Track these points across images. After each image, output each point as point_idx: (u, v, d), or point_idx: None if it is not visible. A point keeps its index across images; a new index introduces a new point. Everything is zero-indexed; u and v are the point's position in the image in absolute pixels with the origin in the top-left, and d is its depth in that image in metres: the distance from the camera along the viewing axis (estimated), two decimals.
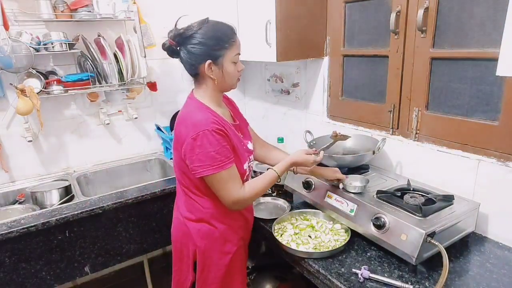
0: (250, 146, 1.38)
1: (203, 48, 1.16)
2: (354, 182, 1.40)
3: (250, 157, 1.35)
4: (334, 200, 1.41)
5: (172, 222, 1.46)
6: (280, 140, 1.76)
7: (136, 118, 2.28)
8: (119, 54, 2.05)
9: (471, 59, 1.31)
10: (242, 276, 1.42)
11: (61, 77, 2.01)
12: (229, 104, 1.44)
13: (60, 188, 1.94)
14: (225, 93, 1.36)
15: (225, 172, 1.17)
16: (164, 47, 1.24)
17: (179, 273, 1.43)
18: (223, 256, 1.33)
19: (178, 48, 1.21)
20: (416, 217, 1.17)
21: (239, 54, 1.24)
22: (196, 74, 1.24)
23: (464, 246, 1.27)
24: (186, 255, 1.37)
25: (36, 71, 1.90)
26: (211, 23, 1.20)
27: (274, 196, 1.75)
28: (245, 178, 1.31)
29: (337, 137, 1.38)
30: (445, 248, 1.07)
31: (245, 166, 1.30)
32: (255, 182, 1.27)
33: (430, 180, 1.45)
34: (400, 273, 1.13)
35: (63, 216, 1.63)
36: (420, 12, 1.37)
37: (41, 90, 1.89)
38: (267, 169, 1.31)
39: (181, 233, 1.37)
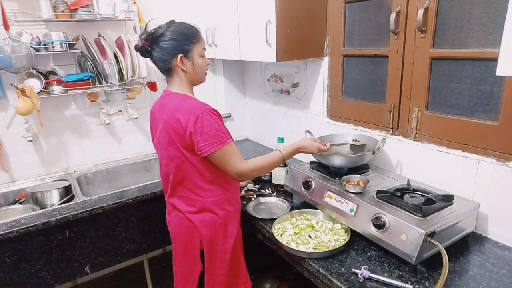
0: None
1: (174, 44, 1.28)
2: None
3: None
4: (334, 200, 1.41)
5: (168, 223, 1.51)
6: (280, 140, 1.76)
7: (136, 118, 2.28)
8: (119, 54, 2.05)
9: (471, 59, 1.31)
10: (244, 256, 1.51)
11: (61, 77, 2.01)
12: None
13: (60, 188, 1.94)
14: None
15: (227, 147, 1.27)
16: (137, 48, 1.34)
17: (185, 268, 1.47)
18: (227, 240, 1.42)
19: (150, 48, 1.31)
20: (416, 217, 1.17)
21: (205, 49, 1.38)
22: (169, 69, 1.34)
23: (464, 246, 1.27)
24: (191, 247, 1.43)
25: (36, 71, 1.90)
26: (177, 23, 1.33)
27: (274, 196, 1.75)
28: None
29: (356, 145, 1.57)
30: (445, 248, 1.07)
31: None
32: (259, 158, 1.38)
33: (430, 180, 1.45)
34: (400, 273, 1.13)
35: (63, 216, 1.63)
36: (420, 12, 1.37)
37: (41, 90, 1.89)
38: (275, 150, 1.42)
39: (184, 228, 1.42)
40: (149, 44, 1.30)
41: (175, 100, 1.33)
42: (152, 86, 2.28)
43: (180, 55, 1.29)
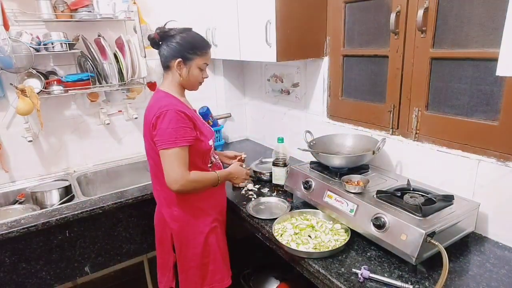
0: (212, 129, 1.62)
1: (178, 48, 1.37)
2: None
3: (213, 137, 1.55)
4: (334, 200, 1.41)
5: None
6: (280, 140, 1.75)
7: (136, 118, 2.28)
8: (119, 54, 2.05)
9: (471, 59, 1.31)
10: (221, 253, 1.55)
11: (61, 77, 2.01)
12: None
13: (60, 188, 1.94)
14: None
15: (177, 150, 1.31)
16: (149, 37, 1.44)
17: (162, 255, 1.59)
18: (197, 235, 1.48)
19: (160, 42, 1.42)
20: (416, 217, 1.17)
21: (207, 64, 1.45)
22: (167, 66, 1.43)
23: (464, 246, 1.27)
24: (165, 238, 1.53)
25: (36, 71, 1.90)
26: (192, 32, 1.43)
27: (274, 196, 1.75)
28: (211, 153, 1.50)
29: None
30: (445, 248, 1.07)
31: (210, 142, 1.48)
32: (200, 173, 1.42)
33: (430, 180, 1.45)
34: (400, 273, 1.13)
35: (63, 216, 1.63)
36: (420, 12, 1.37)
37: (41, 90, 1.89)
38: (214, 172, 1.49)
39: (158, 219, 1.56)
40: (160, 39, 1.41)
41: (156, 97, 1.43)
42: (152, 86, 2.28)
43: (179, 59, 1.38)
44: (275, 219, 1.45)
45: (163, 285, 1.61)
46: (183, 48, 1.37)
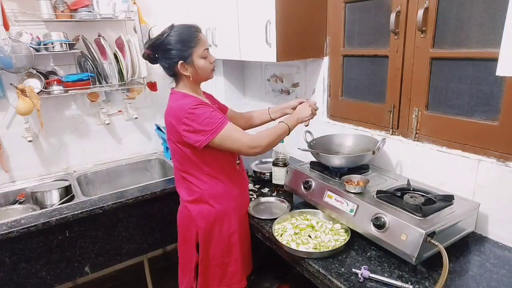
0: None
1: (173, 53, 1.34)
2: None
3: None
4: (334, 200, 1.41)
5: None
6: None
7: (136, 118, 2.29)
8: (119, 54, 2.05)
9: (471, 59, 1.31)
10: (243, 254, 1.54)
11: (61, 77, 2.01)
12: (208, 97, 1.60)
13: (60, 188, 1.94)
14: (205, 91, 1.56)
15: (226, 129, 1.31)
16: (144, 56, 1.43)
17: (184, 255, 1.57)
18: (222, 234, 1.47)
19: (155, 55, 1.40)
20: (416, 217, 1.17)
21: (207, 48, 1.39)
22: (173, 74, 1.42)
23: (464, 246, 1.27)
24: (189, 237, 1.51)
25: (36, 71, 1.91)
26: (176, 28, 1.36)
27: (274, 196, 1.75)
28: None
29: None
30: (445, 248, 1.07)
31: None
32: (265, 130, 1.42)
33: (430, 180, 1.45)
34: (400, 273, 1.13)
35: (63, 216, 1.63)
36: (420, 12, 1.37)
37: (41, 90, 1.89)
38: (279, 122, 1.46)
39: (184, 216, 1.51)
40: (153, 53, 1.39)
41: (173, 98, 1.42)
42: (152, 86, 2.28)
43: (181, 62, 1.35)
44: (275, 219, 1.45)
45: (184, 286, 1.59)
46: (177, 50, 1.34)
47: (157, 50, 1.37)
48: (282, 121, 1.45)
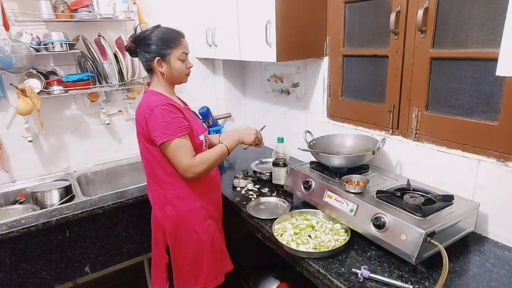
0: (205, 125, 1.65)
1: (153, 48, 1.39)
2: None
3: (205, 133, 1.55)
4: (334, 200, 1.41)
5: None
6: (280, 140, 1.75)
7: None
8: (119, 54, 2.05)
9: (471, 59, 1.31)
10: (215, 253, 1.54)
11: (62, 77, 2.01)
12: (182, 103, 1.60)
13: (60, 188, 1.94)
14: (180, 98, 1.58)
15: (177, 140, 1.33)
16: (126, 48, 1.48)
17: (155, 257, 1.60)
18: (191, 233, 1.48)
19: (137, 49, 1.44)
20: (416, 217, 1.17)
21: (186, 53, 1.44)
22: (149, 69, 1.45)
23: (464, 246, 1.27)
24: (158, 239, 1.54)
25: (37, 71, 1.90)
26: (161, 28, 1.42)
27: (274, 196, 1.75)
28: (204, 148, 1.49)
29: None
30: (445, 248, 1.07)
31: (201, 137, 1.48)
32: (206, 153, 1.44)
33: (430, 180, 1.45)
34: (400, 273, 1.13)
35: (63, 216, 1.63)
36: (420, 12, 1.37)
37: (41, 90, 1.89)
38: (218, 143, 1.50)
39: (153, 221, 1.57)
40: (135, 46, 1.44)
41: (145, 97, 1.45)
42: None
43: (157, 58, 1.39)
44: (275, 219, 1.45)
45: (157, 287, 1.60)
46: (157, 47, 1.38)
47: (138, 44, 1.41)
48: (222, 143, 1.49)
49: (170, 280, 1.57)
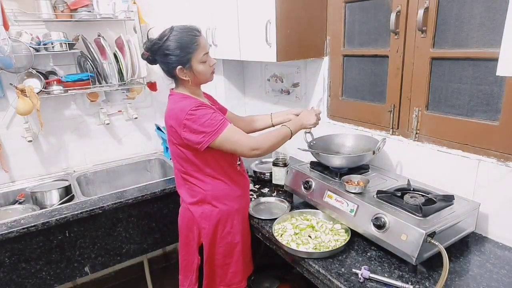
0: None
1: (172, 58, 1.32)
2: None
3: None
4: (334, 200, 1.41)
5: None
6: None
7: (136, 118, 2.28)
8: (119, 54, 2.05)
9: (471, 59, 1.30)
10: (244, 255, 1.53)
11: (61, 77, 2.01)
12: (208, 98, 1.59)
13: (60, 188, 1.94)
14: (205, 91, 1.56)
15: (226, 131, 1.31)
16: (143, 57, 1.41)
17: (186, 257, 1.56)
18: (225, 235, 1.47)
19: (154, 58, 1.38)
20: (416, 217, 1.17)
21: (207, 53, 1.37)
22: (172, 76, 1.40)
23: (464, 246, 1.27)
24: (191, 239, 1.51)
25: (36, 71, 1.90)
26: (175, 32, 1.32)
27: (274, 196, 1.74)
28: None
29: None
30: (445, 248, 1.07)
31: None
32: (269, 133, 1.42)
33: (430, 180, 1.45)
34: (400, 273, 1.13)
35: (63, 216, 1.63)
36: (420, 12, 1.37)
37: (41, 90, 1.89)
38: (281, 126, 1.47)
39: (187, 219, 1.51)
40: (151, 55, 1.37)
41: (172, 100, 1.41)
42: (152, 86, 2.28)
43: (179, 67, 1.33)
44: (275, 219, 1.45)
45: None
46: (176, 56, 1.31)
47: (155, 54, 1.36)
48: (285, 125, 1.46)
49: (198, 281, 1.54)
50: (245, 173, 1.59)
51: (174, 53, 1.31)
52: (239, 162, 1.53)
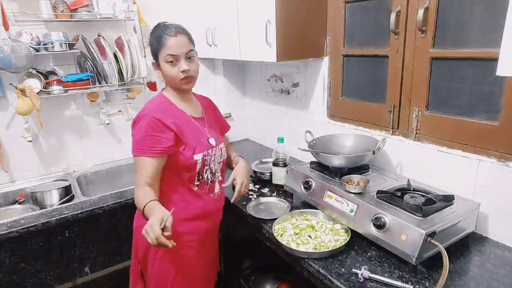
0: (212, 141, 1.39)
1: (151, 48, 1.32)
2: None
3: (209, 151, 1.36)
4: (334, 200, 1.41)
5: None
6: (280, 140, 1.75)
7: None
8: (119, 54, 2.05)
9: (471, 59, 1.30)
10: (183, 276, 1.40)
11: (61, 77, 2.01)
12: (206, 105, 1.51)
13: (60, 188, 1.94)
14: (205, 96, 1.53)
15: (142, 159, 1.27)
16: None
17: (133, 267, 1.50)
18: (154, 261, 1.36)
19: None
20: (416, 217, 1.17)
21: (172, 55, 1.25)
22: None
23: (464, 246, 1.27)
24: (133, 249, 1.47)
25: (36, 71, 1.90)
26: (158, 25, 1.31)
27: (274, 196, 1.74)
28: (197, 169, 1.33)
29: None
30: (445, 248, 1.07)
31: (198, 156, 1.31)
32: (143, 192, 1.28)
33: (430, 180, 1.45)
34: (400, 273, 1.13)
35: (63, 216, 1.63)
36: (420, 12, 1.37)
37: (41, 90, 1.89)
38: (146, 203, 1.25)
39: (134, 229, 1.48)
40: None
41: (151, 99, 1.40)
42: (152, 86, 2.28)
43: (153, 61, 1.34)
44: (275, 219, 1.45)
45: None
46: (151, 49, 1.31)
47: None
48: (148, 203, 1.24)
49: None
50: (207, 196, 1.42)
51: (150, 45, 1.32)
52: (198, 183, 1.36)
